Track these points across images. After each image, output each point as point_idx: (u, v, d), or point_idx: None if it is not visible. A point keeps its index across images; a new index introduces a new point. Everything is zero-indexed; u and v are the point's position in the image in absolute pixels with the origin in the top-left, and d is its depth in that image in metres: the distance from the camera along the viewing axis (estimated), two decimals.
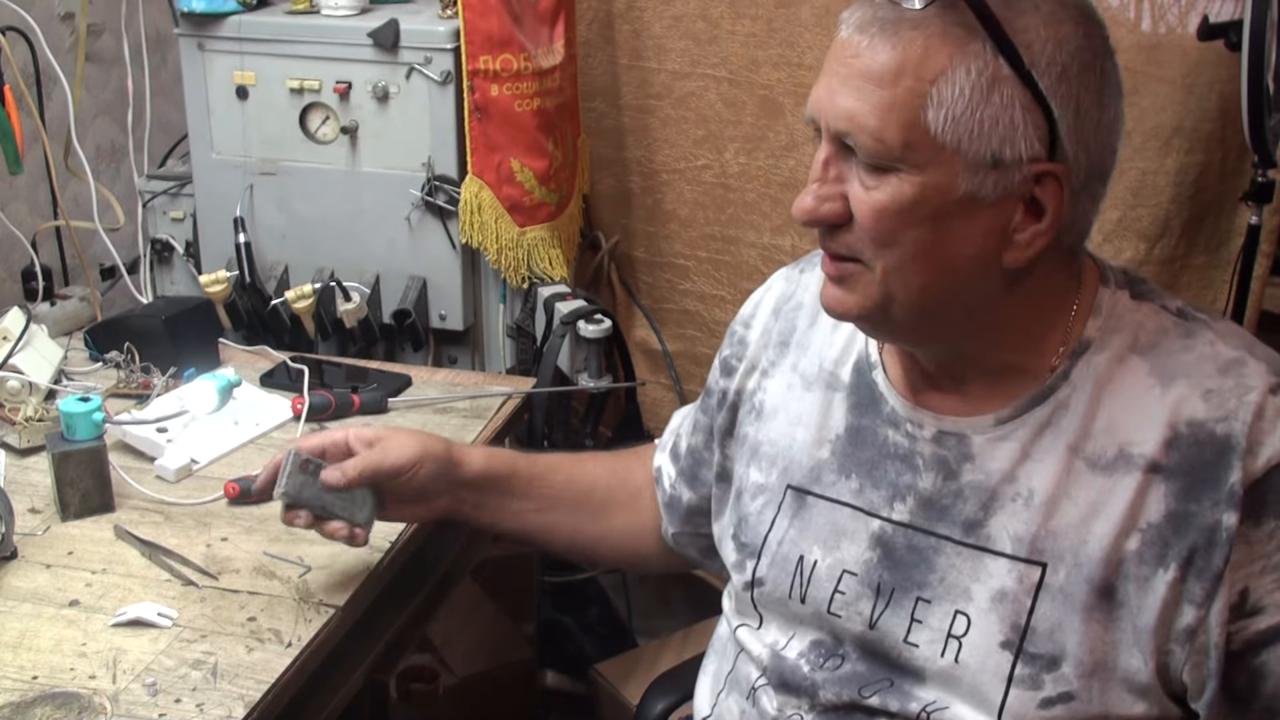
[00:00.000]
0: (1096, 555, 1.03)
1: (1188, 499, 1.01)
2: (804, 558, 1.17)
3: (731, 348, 1.32)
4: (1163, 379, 1.04)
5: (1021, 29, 0.97)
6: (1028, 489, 1.06)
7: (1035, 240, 1.01)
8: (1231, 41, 1.68)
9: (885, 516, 1.13)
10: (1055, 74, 0.97)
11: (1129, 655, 1.02)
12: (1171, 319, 1.07)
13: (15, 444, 1.61)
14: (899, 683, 1.11)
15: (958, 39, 0.96)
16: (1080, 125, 0.99)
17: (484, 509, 1.40)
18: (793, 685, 1.16)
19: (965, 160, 0.97)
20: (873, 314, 1.06)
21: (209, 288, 2.00)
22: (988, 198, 0.98)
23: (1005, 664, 1.05)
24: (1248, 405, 1.01)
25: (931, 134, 0.97)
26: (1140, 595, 1.02)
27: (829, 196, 1.03)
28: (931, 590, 1.09)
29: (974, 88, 0.96)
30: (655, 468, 1.43)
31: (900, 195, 0.99)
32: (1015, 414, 1.07)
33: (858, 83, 0.98)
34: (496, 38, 1.92)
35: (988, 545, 1.07)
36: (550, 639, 2.36)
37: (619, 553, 1.49)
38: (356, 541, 1.30)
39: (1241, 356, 1.04)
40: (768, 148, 2.21)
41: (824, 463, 1.18)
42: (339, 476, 1.27)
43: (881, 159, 0.98)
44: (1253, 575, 1.00)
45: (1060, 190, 0.99)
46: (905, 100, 0.97)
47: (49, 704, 1.16)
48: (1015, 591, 1.05)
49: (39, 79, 2.01)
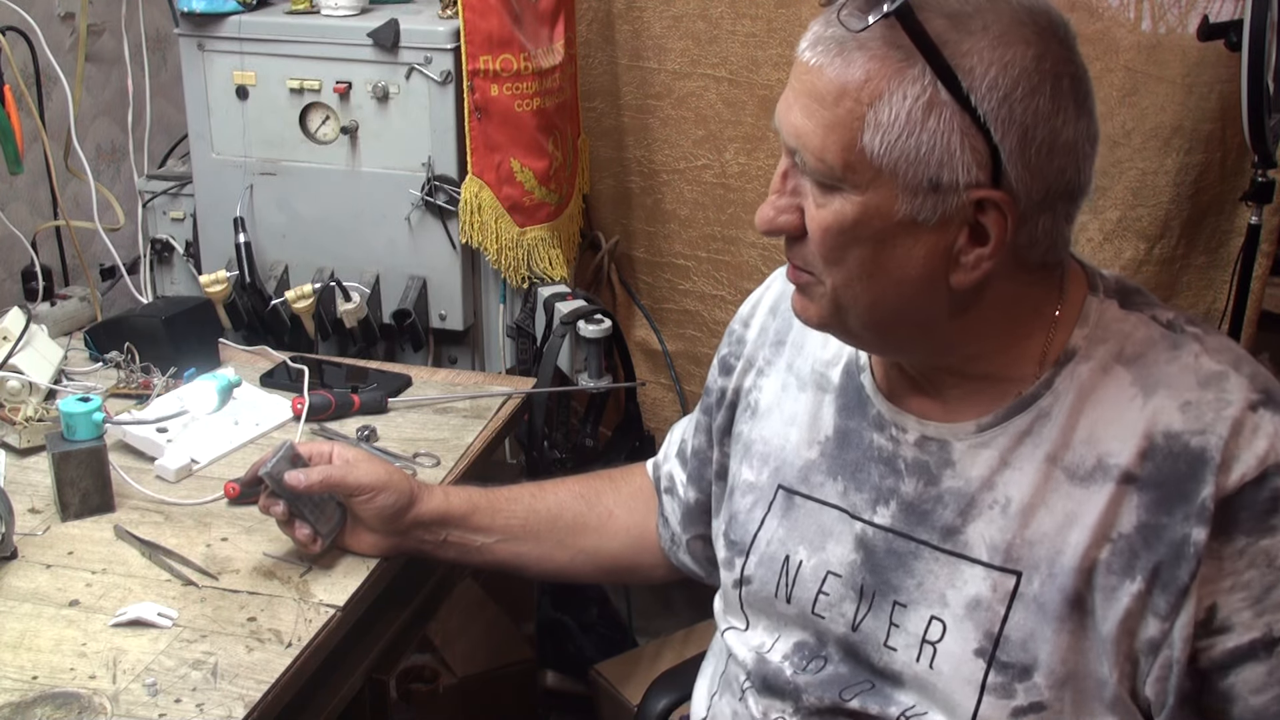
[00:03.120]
0: (1070, 565, 1.02)
1: (1159, 511, 1.00)
2: (790, 557, 1.17)
3: (730, 346, 1.32)
4: (1145, 389, 1.03)
5: (965, 53, 0.95)
6: (1005, 497, 1.05)
7: (980, 264, 1.00)
8: (1231, 41, 1.68)
9: (868, 519, 1.13)
10: (996, 99, 0.95)
11: (1098, 664, 1.02)
12: (1160, 330, 1.06)
13: (15, 444, 1.61)
14: (879, 686, 1.11)
15: (897, 62, 0.95)
16: (1026, 150, 0.96)
17: (447, 547, 1.42)
18: (776, 689, 1.17)
19: (903, 183, 0.97)
20: (831, 323, 1.07)
21: (209, 288, 2.00)
22: (928, 221, 0.98)
23: (979, 672, 1.04)
24: (1225, 420, 0.99)
25: (869, 156, 0.96)
26: (1105, 605, 1.01)
27: (786, 209, 1.04)
28: (908, 595, 1.09)
29: (909, 112, 0.95)
30: (666, 477, 1.43)
31: (843, 215, 0.99)
32: (996, 421, 1.07)
33: (805, 101, 0.99)
34: (496, 38, 1.92)
35: (964, 552, 1.07)
36: (550, 639, 2.36)
37: (598, 573, 1.51)
38: (311, 548, 1.37)
39: (1225, 371, 1.02)
40: (768, 148, 2.21)
41: (813, 463, 1.18)
42: (300, 479, 1.34)
43: (824, 178, 0.99)
44: (1221, 592, 0.99)
45: (1003, 217, 0.98)
46: (845, 121, 0.97)
47: (49, 704, 1.16)
48: (990, 600, 1.05)
49: (39, 79, 2.01)
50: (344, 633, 1.34)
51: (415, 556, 1.45)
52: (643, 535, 1.45)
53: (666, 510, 1.42)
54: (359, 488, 1.37)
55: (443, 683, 1.61)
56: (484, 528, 1.42)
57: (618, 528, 1.45)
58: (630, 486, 1.47)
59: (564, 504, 1.45)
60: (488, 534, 1.42)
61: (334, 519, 1.40)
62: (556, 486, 1.48)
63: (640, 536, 1.45)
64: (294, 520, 1.36)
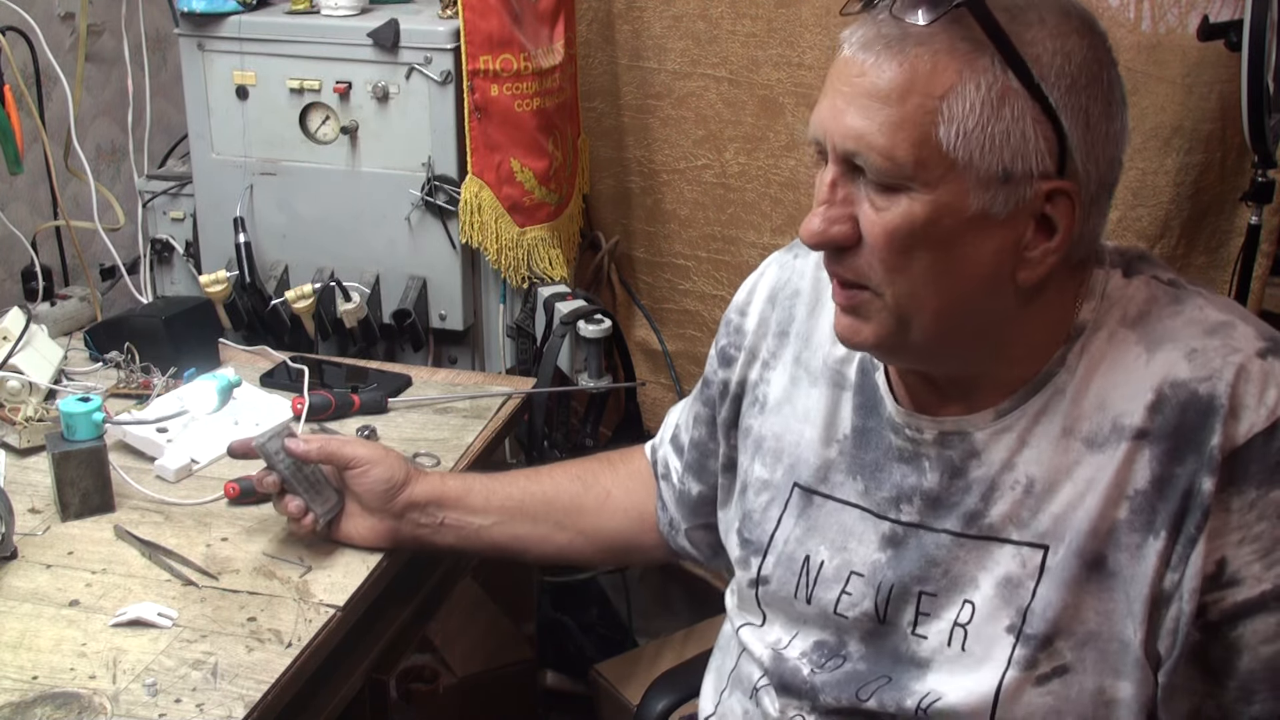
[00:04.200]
0: (1085, 528, 1.02)
1: (1172, 462, 1.00)
2: (810, 558, 1.17)
3: (729, 337, 1.31)
4: (1150, 346, 1.03)
5: (1029, 42, 0.96)
6: (1026, 475, 1.06)
7: (1047, 258, 1.00)
8: (1231, 41, 1.68)
9: (894, 519, 1.13)
10: (1064, 86, 0.96)
11: (1122, 626, 1.02)
12: (1162, 288, 1.06)
13: (15, 444, 1.61)
14: (898, 677, 1.11)
15: (965, 54, 0.95)
16: (1090, 138, 0.98)
17: (445, 531, 1.42)
18: (793, 687, 1.16)
19: (977, 176, 0.96)
20: (888, 341, 1.04)
21: (209, 288, 2.00)
22: (999, 214, 0.97)
23: (1008, 647, 1.05)
24: (1231, 365, 0.99)
25: (943, 150, 0.96)
26: (1133, 564, 1.01)
27: (838, 219, 1.01)
28: (936, 584, 1.09)
29: (984, 102, 0.95)
30: (661, 462, 1.43)
31: (912, 215, 0.97)
32: (1014, 406, 1.07)
33: (865, 101, 0.97)
34: (496, 38, 1.92)
35: (991, 534, 1.07)
36: (550, 639, 2.36)
37: (598, 555, 1.50)
38: (304, 526, 1.38)
39: (1231, 320, 1.03)
40: (768, 148, 2.21)
41: (832, 462, 1.18)
42: (300, 444, 1.37)
43: (892, 178, 0.97)
44: (1230, 545, 0.99)
45: (1072, 207, 0.99)
46: (915, 117, 0.96)
47: (49, 704, 1.16)
48: (1020, 576, 1.05)
49: (39, 79, 2.01)
50: (344, 633, 1.33)
51: (414, 547, 1.44)
52: (641, 516, 1.44)
53: (664, 495, 1.42)
54: (354, 459, 1.38)
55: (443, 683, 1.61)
56: (480, 509, 1.42)
57: (615, 508, 1.44)
58: (628, 468, 1.47)
59: (560, 485, 1.44)
60: (484, 515, 1.42)
61: (330, 502, 1.40)
62: (553, 470, 1.48)
63: (639, 518, 1.44)
64: (285, 494, 1.37)
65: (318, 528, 1.39)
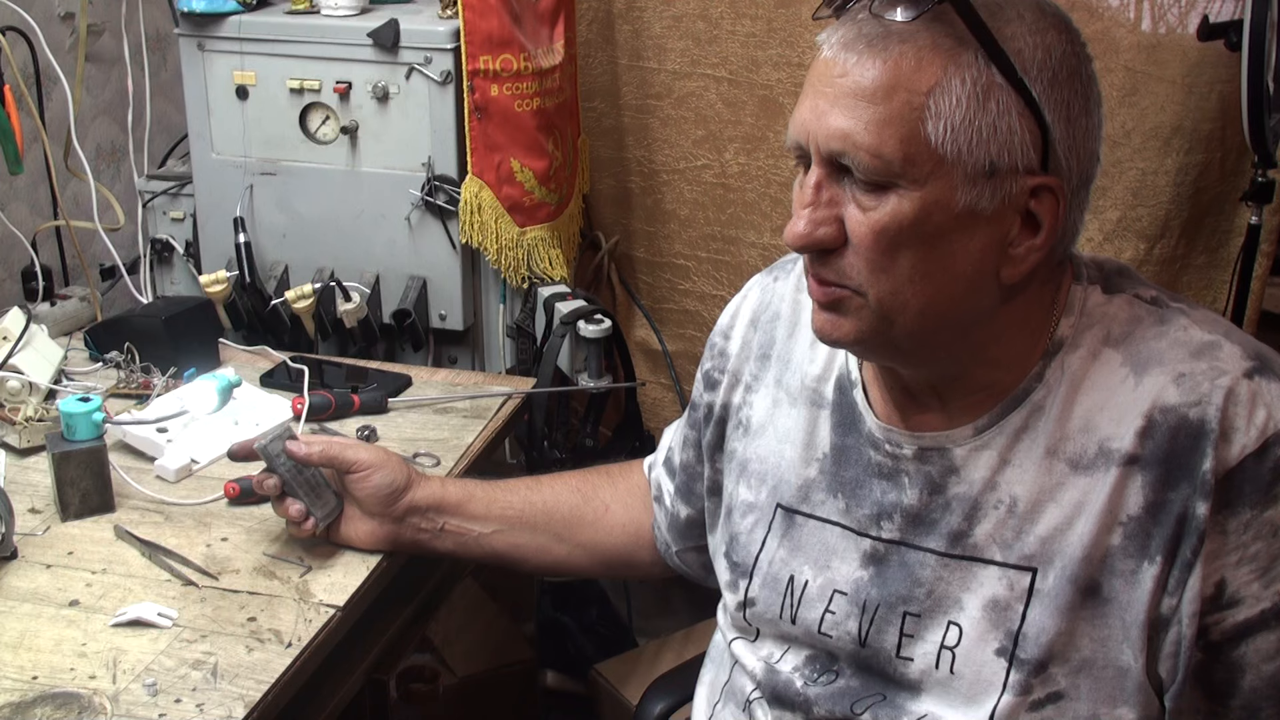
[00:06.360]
0: (1078, 554, 1.02)
1: (1165, 488, 1.00)
2: (794, 578, 1.17)
3: (713, 360, 1.30)
4: (1136, 368, 1.03)
5: (1010, 37, 0.96)
6: (1009, 496, 1.05)
7: (1031, 254, 1.00)
8: (1231, 41, 1.68)
9: (875, 535, 1.12)
10: (1046, 80, 0.97)
11: (1119, 652, 1.02)
12: (1145, 307, 1.06)
13: (15, 444, 1.61)
14: (892, 696, 1.10)
15: (949, 49, 0.96)
16: (1072, 132, 0.98)
17: (445, 537, 1.42)
18: (786, 700, 1.16)
19: (964, 171, 0.96)
20: (869, 339, 1.04)
21: (209, 288, 2.00)
22: (985, 210, 0.97)
23: (1000, 671, 1.04)
24: (1220, 389, 0.99)
25: (931, 146, 0.96)
26: (1128, 590, 1.01)
27: (823, 220, 1.00)
28: (920, 604, 1.09)
29: (970, 97, 0.95)
30: (654, 484, 1.43)
31: (900, 213, 0.97)
32: (992, 422, 1.06)
33: (849, 101, 0.97)
34: (496, 38, 1.92)
35: (975, 555, 1.07)
36: (550, 639, 2.36)
37: (597, 568, 1.50)
38: (304, 530, 1.38)
39: (1216, 340, 1.02)
40: (768, 148, 2.21)
41: (812, 482, 1.17)
42: (301, 447, 1.37)
43: (881, 175, 0.97)
44: (1228, 566, 0.99)
45: (1056, 203, 0.99)
46: (902, 114, 0.96)
47: (49, 704, 1.16)
48: (1007, 598, 1.05)
49: (39, 79, 2.01)
50: (344, 633, 1.33)
51: (414, 551, 1.44)
52: (639, 532, 1.44)
53: (658, 518, 1.42)
54: (356, 463, 1.38)
55: (443, 683, 1.62)
56: (480, 516, 1.42)
57: (614, 523, 1.44)
58: (627, 483, 1.47)
59: (560, 497, 1.44)
60: (484, 523, 1.42)
61: (330, 505, 1.40)
62: (554, 480, 1.48)
63: (637, 534, 1.44)
64: (286, 497, 1.37)
65: (317, 531, 1.39)
